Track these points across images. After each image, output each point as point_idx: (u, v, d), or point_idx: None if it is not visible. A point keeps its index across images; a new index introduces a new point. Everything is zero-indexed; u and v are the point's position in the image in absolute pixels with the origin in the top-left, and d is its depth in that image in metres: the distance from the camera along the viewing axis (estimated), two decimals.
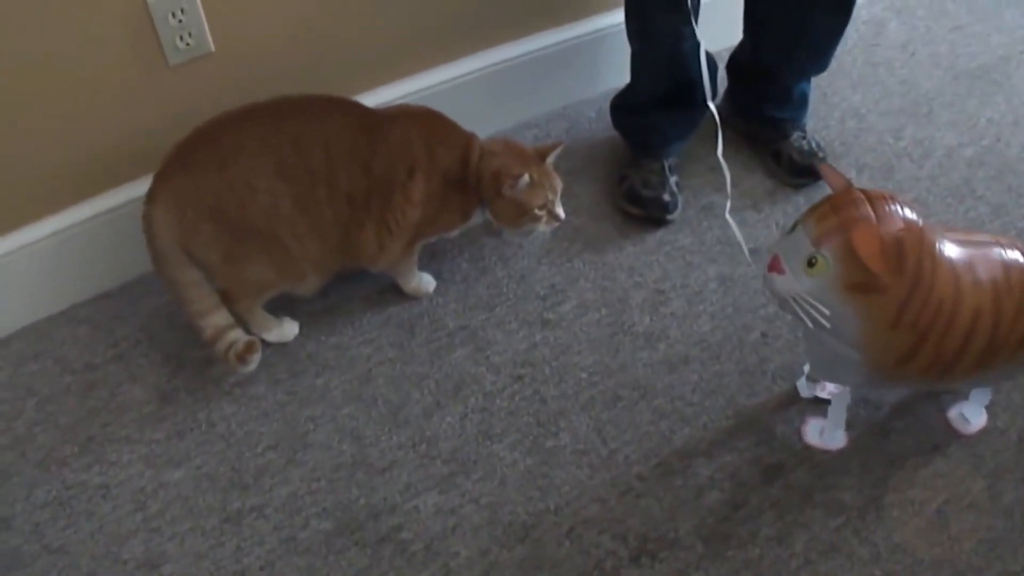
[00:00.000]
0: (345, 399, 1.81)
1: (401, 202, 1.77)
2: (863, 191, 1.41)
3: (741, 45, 2.26)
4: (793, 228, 1.44)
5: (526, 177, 1.77)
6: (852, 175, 2.22)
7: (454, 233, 1.94)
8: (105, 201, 1.90)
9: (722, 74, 2.30)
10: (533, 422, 1.77)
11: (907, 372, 1.51)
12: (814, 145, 2.20)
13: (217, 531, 1.63)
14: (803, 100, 2.26)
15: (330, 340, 1.91)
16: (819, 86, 2.39)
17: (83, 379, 1.85)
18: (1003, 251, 1.51)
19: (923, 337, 1.44)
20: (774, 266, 1.44)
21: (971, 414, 1.75)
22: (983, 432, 1.74)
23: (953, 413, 1.76)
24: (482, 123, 1.95)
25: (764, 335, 1.90)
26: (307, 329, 1.92)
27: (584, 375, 1.84)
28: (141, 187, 1.72)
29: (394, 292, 1.98)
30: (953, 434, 1.74)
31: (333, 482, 1.69)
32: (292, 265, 1.78)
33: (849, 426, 1.72)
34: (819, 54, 2.17)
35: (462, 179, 1.82)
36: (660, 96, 2.04)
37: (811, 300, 1.41)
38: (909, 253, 1.37)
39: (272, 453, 1.73)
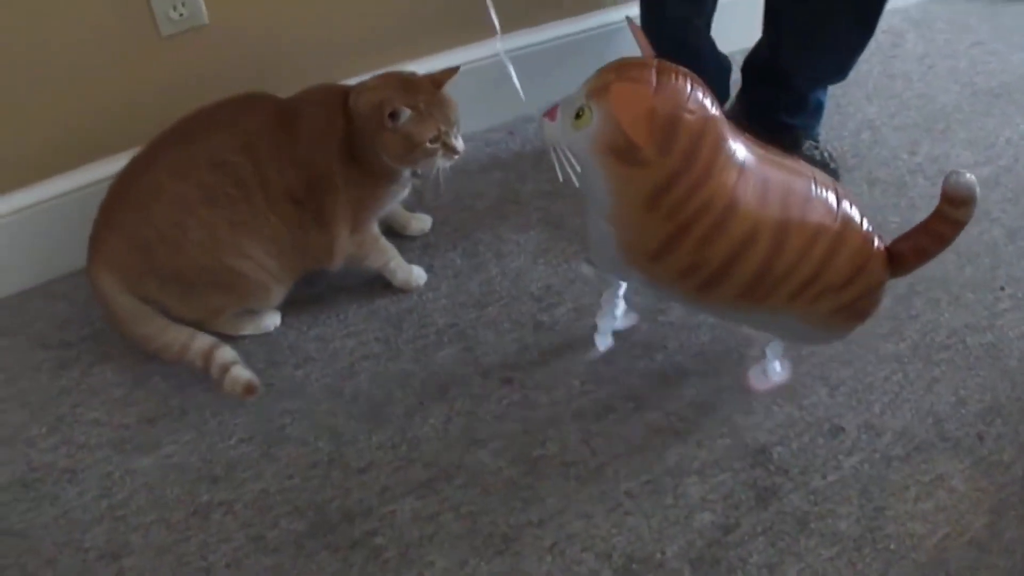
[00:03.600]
0: (324, 394, 1.76)
1: (330, 187, 1.70)
2: (664, 63, 1.34)
3: (758, 45, 2.19)
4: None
5: (405, 110, 1.64)
6: (864, 189, 2.17)
7: (403, 194, 1.87)
8: (91, 173, 1.87)
9: (736, 76, 2.24)
10: (520, 429, 1.71)
11: (664, 270, 1.44)
12: (826, 155, 2.15)
13: (183, 524, 1.58)
14: (818, 108, 2.20)
15: (313, 331, 1.86)
16: (833, 96, 2.34)
17: (56, 357, 1.81)
18: (814, 187, 1.43)
19: (682, 232, 1.38)
20: (551, 113, 1.40)
21: (769, 369, 1.74)
22: (987, 466, 1.67)
23: (754, 371, 1.77)
24: (485, 116, 1.89)
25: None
26: (289, 319, 1.88)
27: (576, 383, 1.78)
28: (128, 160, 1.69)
29: (383, 285, 1.93)
30: (950, 463, 1.67)
31: (307, 480, 1.64)
32: (249, 285, 1.73)
33: (849, 453, 1.67)
34: (839, 62, 2.10)
35: (361, 135, 1.70)
36: None
37: (567, 153, 1.36)
38: (683, 136, 1.31)
39: (245, 446, 1.68)
